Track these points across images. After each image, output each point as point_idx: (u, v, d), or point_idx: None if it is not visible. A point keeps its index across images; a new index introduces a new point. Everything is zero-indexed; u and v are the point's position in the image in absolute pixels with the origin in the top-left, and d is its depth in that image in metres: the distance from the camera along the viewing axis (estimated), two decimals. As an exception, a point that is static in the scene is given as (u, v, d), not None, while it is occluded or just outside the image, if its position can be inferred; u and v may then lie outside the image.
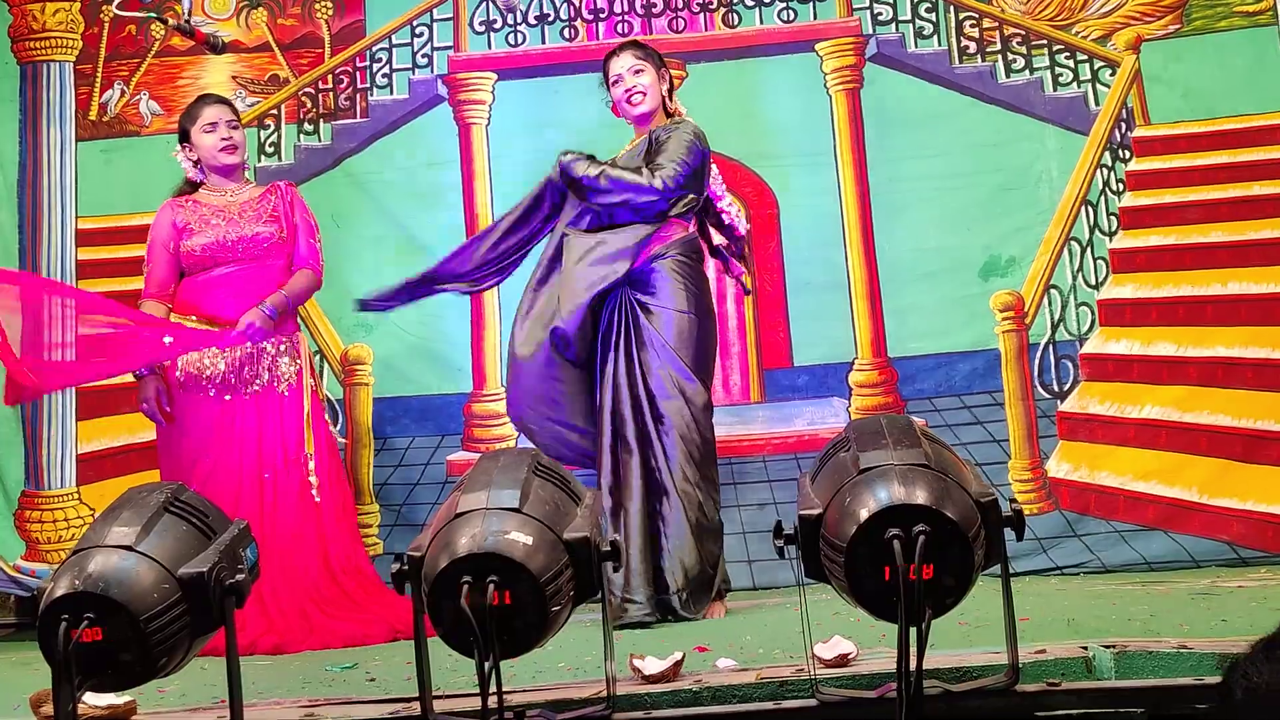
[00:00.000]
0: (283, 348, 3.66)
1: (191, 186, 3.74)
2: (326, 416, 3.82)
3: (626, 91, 3.52)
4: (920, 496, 1.78)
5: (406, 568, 1.89)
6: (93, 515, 3.60)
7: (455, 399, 4.37)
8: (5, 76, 4.60)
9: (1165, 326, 4.21)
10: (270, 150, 4.56)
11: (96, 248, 4.53)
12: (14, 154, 4.54)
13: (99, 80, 4.60)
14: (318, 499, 3.58)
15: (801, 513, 1.87)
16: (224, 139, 3.67)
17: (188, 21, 3.68)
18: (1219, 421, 4.08)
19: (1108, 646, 2.16)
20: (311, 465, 3.58)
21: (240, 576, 1.91)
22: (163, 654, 1.82)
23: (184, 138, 3.73)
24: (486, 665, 1.80)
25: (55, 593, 1.81)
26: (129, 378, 3.73)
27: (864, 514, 1.78)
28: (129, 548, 1.86)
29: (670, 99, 3.59)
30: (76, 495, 4.38)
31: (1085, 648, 2.19)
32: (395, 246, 4.44)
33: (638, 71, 3.52)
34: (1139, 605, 3.00)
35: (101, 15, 4.63)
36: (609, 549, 1.93)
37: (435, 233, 4.45)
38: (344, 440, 4.32)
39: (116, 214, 4.52)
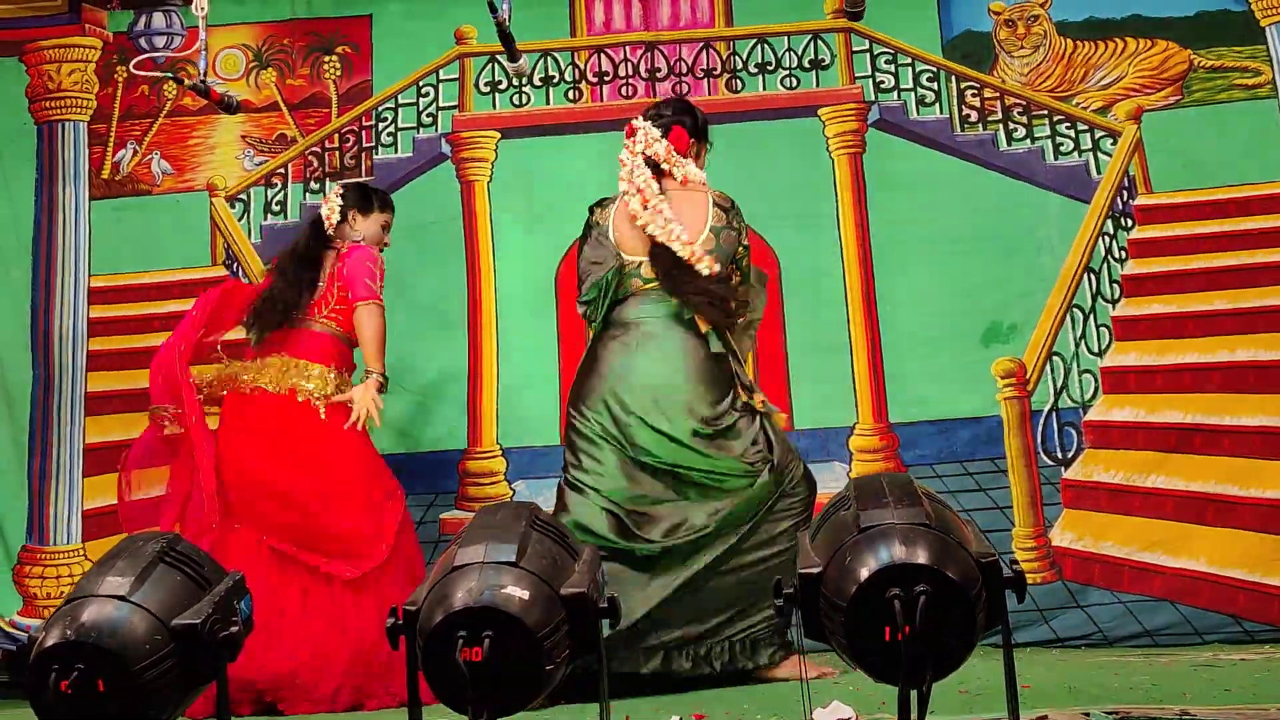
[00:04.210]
0: None
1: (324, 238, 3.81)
2: None
3: None
4: (921, 556, 1.77)
5: (401, 622, 1.87)
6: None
7: (450, 456, 4.34)
8: (23, 136, 4.65)
9: (1171, 394, 4.19)
10: (276, 209, 4.59)
11: (107, 305, 4.55)
12: (28, 212, 4.60)
13: (112, 139, 4.66)
14: None
15: (801, 571, 1.85)
16: (384, 244, 3.88)
17: (203, 81, 3.74)
18: (1227, 491, 4.05)
19: (1109, 713, 2.13)
20: None
21: (234, 629, 1.89)
22: (153, 705, 1.80)
23: (363, 209, 3.82)
24: (480, 722, 1.77)
25: (46, 642, 1.79)
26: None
27: (864, 573, 1.77)
28: (122, 598, 1.84)
29: (669, 159, 3.47)
30: (82, 551, 4.36)
31: (1087, 714, 2.16)
32: (397, 301, 4.44)
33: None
34: (1141, 675, 2.97)
35: (116, 75, 4.70)
36: (606, 605, 1.91)
37: (437, 288, 4.47)
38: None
39: (126, 272, 4.57)
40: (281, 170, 4.62)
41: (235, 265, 4.56)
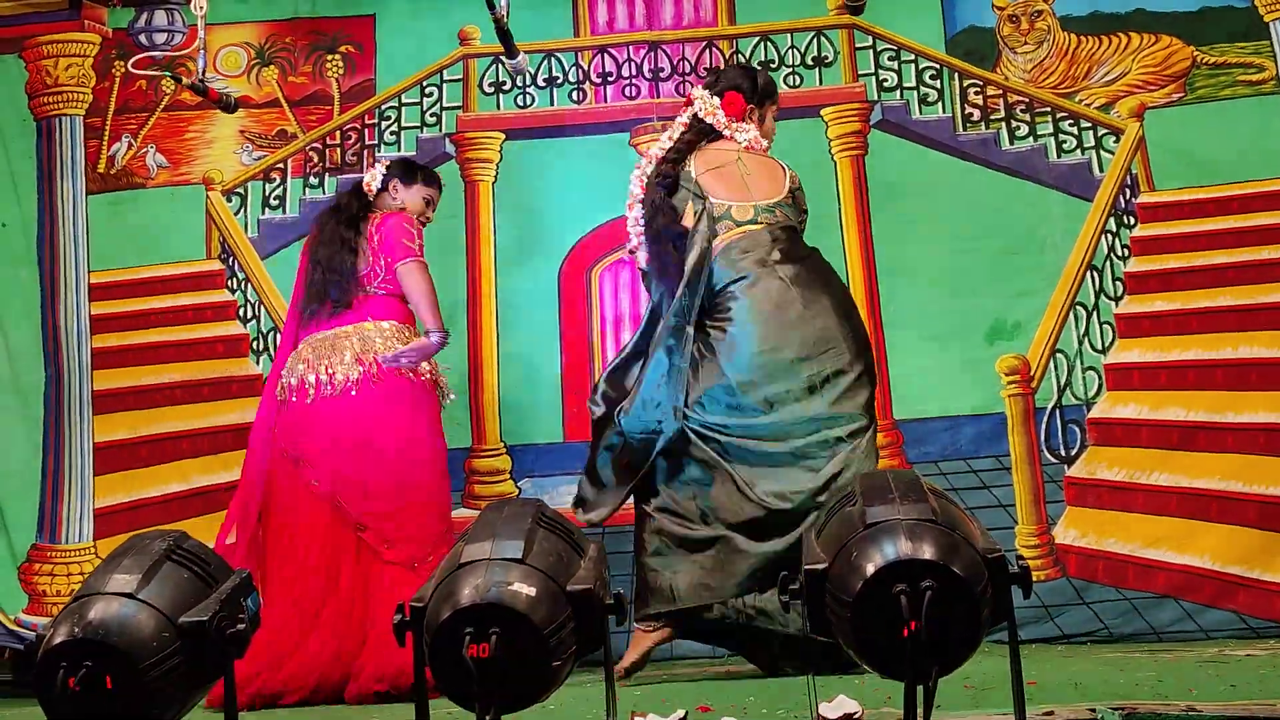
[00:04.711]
0: None
1: (365, 202, 3.77)
2: None
3: None
4: (927, 552, 1.76)
5: (408, 618, 1.87)
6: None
7: (455, 454, 4.33)
8: (24, 134, 4.66)
9: (1174, 391, 4.20)
10: (275, 203, 4.60)
11: (107, 302, 4.56)
12: (34, 211, 4.60)
13: (107, 133, 4.66)
14: None
15: (807, 567, 1.85)
16: (425, 219, 3.83)
17: (202, 80, 3.73)
18: (1230, 488, 4.06)
19: (1116, 708, 2.13)
20: None
21: (241, 626, 1.89)
22: (161, 703, 1.80)
23: (405, 180, 3.80)
24: (486, 719, 1.78)
25: (54, 639, 1.79)
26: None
27: (870, 569, 1.76)
28: (130, 595, 1.84)
29: (728, 125, 3.55)
30: (93, 549, 4.38)
31: (1093, 710, 2.15)
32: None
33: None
34: (1146, 671, 2.97)
35: (113, 70, 4.70)
36: (612, 602, 1.91)
37: (439, 286, 4.46)
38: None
39: (125, 267, 4.57)
40: (281, 165, 4.63)
41: (231, 259, 4.57)
